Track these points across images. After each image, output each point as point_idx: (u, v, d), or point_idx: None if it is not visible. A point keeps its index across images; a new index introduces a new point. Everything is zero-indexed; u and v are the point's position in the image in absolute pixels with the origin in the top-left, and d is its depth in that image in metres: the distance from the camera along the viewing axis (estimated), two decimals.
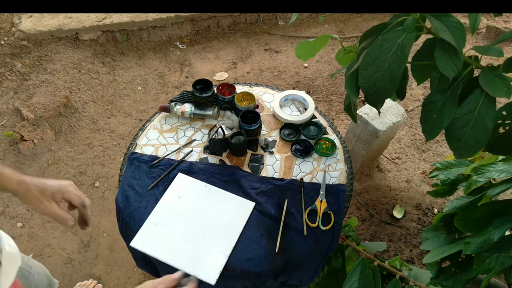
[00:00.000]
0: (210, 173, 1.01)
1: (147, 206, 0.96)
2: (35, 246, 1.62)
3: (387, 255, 1.59)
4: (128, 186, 1.00)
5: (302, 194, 0.98)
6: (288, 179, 1.02)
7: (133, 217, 0.94)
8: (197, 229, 0.91)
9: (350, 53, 0.86)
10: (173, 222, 0.92)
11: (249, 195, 0.98)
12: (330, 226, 0.93)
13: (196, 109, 1.14)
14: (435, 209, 1.75)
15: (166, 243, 0.88)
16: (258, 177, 1.02)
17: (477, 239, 0.82)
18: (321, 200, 0.97)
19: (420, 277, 0.92)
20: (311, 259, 0.91)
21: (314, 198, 0.98)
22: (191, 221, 0.93)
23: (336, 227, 0.93)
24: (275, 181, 1.00)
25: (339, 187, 1.00)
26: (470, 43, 2.52)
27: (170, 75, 2.36)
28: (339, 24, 2.75)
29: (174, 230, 0.91)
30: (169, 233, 0.90)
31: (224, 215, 0.94)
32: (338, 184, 1.01)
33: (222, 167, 1.04)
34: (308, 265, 0.91)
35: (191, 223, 0.92)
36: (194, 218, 0.93)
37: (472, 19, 0.63)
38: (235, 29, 2.66)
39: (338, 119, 2.15)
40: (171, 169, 1.02)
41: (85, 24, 2.30)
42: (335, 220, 0.94)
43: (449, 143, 0.65)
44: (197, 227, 0.92)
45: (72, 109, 2.09)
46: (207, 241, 0.89)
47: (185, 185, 0.99)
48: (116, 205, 0.99)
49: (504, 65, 0.62)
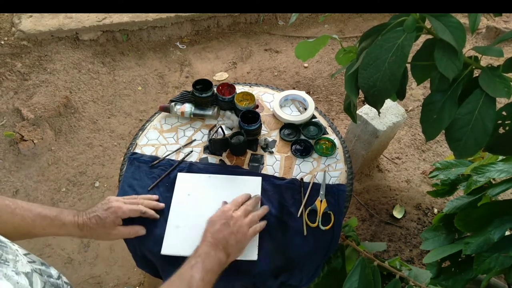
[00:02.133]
0: (209, 173, 1.01)
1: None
2: (35, 246, 1.62)
3: (387, 255, 1.59)
4: (128, 187, 1.00)
5: (302, 194, 0.98)
6: (289, 178, 1.02)
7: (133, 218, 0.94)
8: None
9: (350, 54, 0.86)
10: (193, 219, 0.92)
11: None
12: (330, 226, 0.93)
13: (196, 109, 1.14)
14: (435, 209, 1.75)
15: (194, 239, 0.86)
16: (259, 174, 1.02)
17: (477, 239, 0.82)
18: (321, 200, 0.97)
19: (420, 277, 0.92)
20: (311, 259, 0.91)
21: (314, 198, 0.98)
22: (208, 212, 0.91)
23: (336, 227, 0.93)
24: (276, 180, 1.00)
25: (339, 187, 1.00)
26: (470, 43, 2.52)
27: (170, 75, 2.36)
28: (339, 24, 2.75)
29: (197, 226, 0.89)
30: (193, 230, 0.89)
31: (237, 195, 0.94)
32: (338, 184, 1.01)
33: (222, 166, 1.04)
34: (308, 265, 0.91)
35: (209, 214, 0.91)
36: (210, 209, 0.92)
37: (472, 19, 0.62)
38: (235, 29, 2.66)
39: (338, 119, 2.15)
40: (171, 169, 1.02)
41: (85, 24, 2.30)
42: (335, 220, 0.93)
43: (449, 143, 0.65)
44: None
45: (72, 109, 2.09)
46: None
47: (189, 183, 0.99)
48: None
49: (504, 65, 0.62)
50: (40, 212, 0.75)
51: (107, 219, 0.81)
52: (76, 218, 0.79)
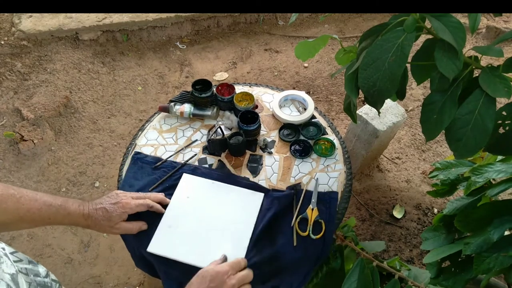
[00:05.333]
0: (213, 179, 1.01)
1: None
2: (35, 246, 1.62)
3: (387, 255, 1.59)
4: (129, 187, 0.99)
5: (294, 203, 0.97)
6: (286, 190, 1.00)
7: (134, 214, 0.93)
8: (211, 226, 0.92)
9: (350, 53, 0.86)
10: (186, 222, 0.92)
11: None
12: (320, 235, 0.91)
13: (196, 109, 1.14)
14: (435, 209, 1.75)
15: (184, 243, 0.88)
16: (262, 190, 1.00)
17: (476, 239, 0.82)
18: (313, 208, 0.95)
19: (419, 277, 0.92)
20: (300, 267, 0.90)
21: (306, 206, 0.96)
22: (204, 219, 0.93)
23: (327, 236, 0.91)
24: (274, 193, 0.99)
25: (331, 194, 0.99)
26: (470, 43, 2.52)
27: (170, 75, 2.36)
28: (339, 24, 2.75)
29: (189, 229, 0.90)
30: (185, 233, 0.90)
31: (236, 209, 0.95)
32: (330, 192, 1.00)
33: (227, 174, 1.03)
34: (297, 272, 0.90)
35: (204, 221, 0.92)
36: (206, 216, 0.93)
37: (472, 19, 0.62)
38: (235, 29, 2.66)
39: (338, 119, 2.15)
40: (174, 171, 1.02)
41: (85, 24, 2.30)
42: (326, 229, 0.92)
43: (449, 144, 0.64)
44: (210, 224, 0.92)
45: (72, 109, 2.09)
46: (223, 236, 0.89)
47: (192, 185, 0.99)
48: None
49: (504, 65, 0.62)
50: (45, 201, 0.74)
51: (114, 213, 0.81)
52: (82, 208, 0.79)
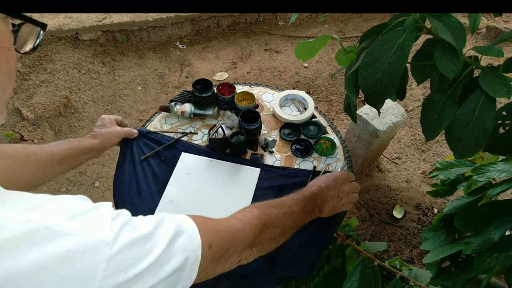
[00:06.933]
0: (210, 157, 1.05)
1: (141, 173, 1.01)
2: None
3: (387, 255, 1.59)
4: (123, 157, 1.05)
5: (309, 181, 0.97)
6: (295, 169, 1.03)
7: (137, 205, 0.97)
8: (211, 201, 0.96)
9: (350, 54, 0.86)
10: (187, 198, 0.97)
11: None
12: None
13: (196, 109, 1.14)
14: (435, 209, 1.75)
15: None
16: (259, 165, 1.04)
17: (477, 239, 0.82)
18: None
19: (420, 277, 0.92)
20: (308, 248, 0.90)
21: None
22: (203, 195, 0.98)
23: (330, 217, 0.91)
24: (279, 171, 1.02)
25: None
26: (470, 43, 2.52)
27: (170, 75, 2.36)
28: (339, 24, 2.75)
29: (189, 205, 0.95)
30: (185, 208, 0.94)
31: (234, 185, 0.99)
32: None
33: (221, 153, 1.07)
34: (306, 254, 0.89)
35: (204, 197, 0.98)
36: (205, 192, 0.98)
37: (472, 19, 0.62)
38: (235, 29, 2.66)
39: (338, 119, 2.15)
40: (169, 143, 1.06)
41: (85, 24, 2.30)
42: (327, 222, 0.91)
43: (449, 143, 0.64)
44: (210, 199, 0.97)
45: (72, 109, 2.09)
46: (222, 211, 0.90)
47: (191, 163, 1.04)
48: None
49: (504, 65, 0.62)
50: (56, 143, 0.85)
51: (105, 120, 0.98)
52: (85, 138, 0.91)
